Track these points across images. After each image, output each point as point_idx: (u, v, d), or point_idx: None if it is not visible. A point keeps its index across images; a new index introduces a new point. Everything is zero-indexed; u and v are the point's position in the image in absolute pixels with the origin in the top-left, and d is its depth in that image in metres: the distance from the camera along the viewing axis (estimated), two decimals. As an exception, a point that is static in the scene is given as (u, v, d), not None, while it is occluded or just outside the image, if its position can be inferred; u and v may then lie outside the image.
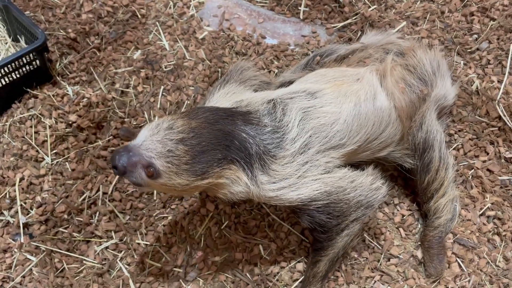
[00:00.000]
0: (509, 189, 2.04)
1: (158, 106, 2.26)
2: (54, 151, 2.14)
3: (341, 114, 1.70)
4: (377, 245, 1.94)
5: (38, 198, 2.03)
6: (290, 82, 1.96)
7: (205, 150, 1.43)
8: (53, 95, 2.28)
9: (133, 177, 1.45)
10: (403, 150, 1.88)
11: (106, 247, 1.93)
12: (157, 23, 2.55)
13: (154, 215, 1.99)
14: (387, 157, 1.91)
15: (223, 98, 1.81)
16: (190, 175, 1.44)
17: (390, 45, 2.01)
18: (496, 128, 2.17)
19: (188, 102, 2.27)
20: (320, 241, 1.76)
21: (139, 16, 2.58)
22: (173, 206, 2.01)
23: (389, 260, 1.92)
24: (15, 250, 1.92)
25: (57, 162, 2.12)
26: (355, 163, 1.90)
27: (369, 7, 2.60)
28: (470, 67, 2.36)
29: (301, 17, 2.61)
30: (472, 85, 2.28)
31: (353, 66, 1.95)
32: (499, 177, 2.06)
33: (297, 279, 1.87)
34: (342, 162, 1.73)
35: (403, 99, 1.82)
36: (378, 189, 1.71)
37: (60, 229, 1.96)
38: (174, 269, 1.88)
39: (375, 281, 1.87)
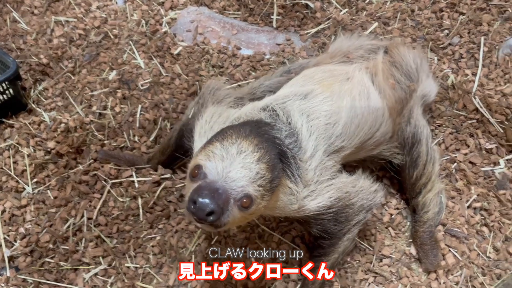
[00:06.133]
0: (492, 180, 2.06)
1: (137, 125, 2.23)
2: (35, 180, 2.09)
3: (340, 115, 1.68)
4: (368, 247, 1.94)
5: (22, 230, 1.98)
6: (270, 91, 1.95)
7: (274, 163, 1.37)
8: (30, 123, 2.24)
9: (226, 216, 1.27)
10: (393, 149, 1.90)
11: (95, 274, 1.89)
12: (130, 42, 2.53)
13: (141, 236, 1.96)
14: (378, 155, 1.92)
15: (212, 123, 1.68)
16: (269, 194, 1.36)
17: (358, 50, 2.02)
18: (475, 120, 2.20)
19: (166, 114, 2.25)
20: (323, 247, 1.74)
21: (112, 37, 2.57)
22: (160, 226, 1.98)
23: (381, 260, 1.92)
24: (2, 285, 1.86)
25: (38, 191, 2.07)
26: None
27: (341, 11, 2.62)
28: (444, 62, 2.40)
29: (274, 25, 2.62)
30: (447, 80, 2.32)
31: (338, 61, 1.95)
32: (482, 168, 2.08)
33: (293, 288, 1.86)
34: (340, 166, 1.73)
35: (393, 95, 1.83)
36: (377, 191, 1.73)
37: (46, 259, 1.92)
38: (167, 289, 1.86)
39: (369, 283, 1.86)
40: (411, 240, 1.95)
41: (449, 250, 1.91)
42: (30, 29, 2.60)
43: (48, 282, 1.86)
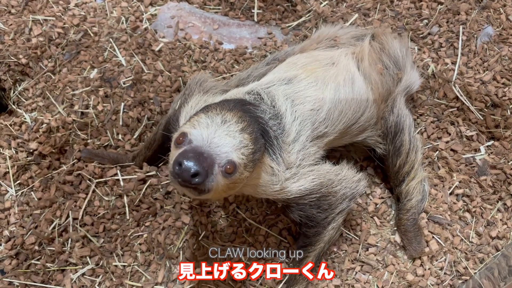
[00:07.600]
0: (473, 166, 2.10)
1: (121, 123, 2.22)
2: (18, 181, 2.07)
3: (324, 101, 1.69)
4: (355, 237, 1.96)
5: (6, 232, 1.96)
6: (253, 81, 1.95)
7: (257, 136, 1.41)
8: (10, 125, 2.21)
9: (210, 181, 1.29)
10: (376, 137, 1.92)
11: (83, 274, 1.88)
12: (110, 39, 2.50)
13: (128, 234, 1.95)
14: (362, 142, 1.94)
15: (198, 108, 1.67)
16: (252, 165, 1.39)
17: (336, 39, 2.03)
18: (455, 109, 2.23)
19: (152, 114, 2.24)
20: (308, 236, 1.77)
21: (92, 35, 2.53)
22: (147, 223, 1.97)
23: (367, 249, 1.94)
24: (-13, 289, 1.85)
25: (22, 192, 2.05)
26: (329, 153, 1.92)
27: (321, 3, 2.63)
28: (424, 52, 2.42)
29: (256, 19, 2.61)
30: (428, 69, 2.34)
31: (325, 45, 1.96)
32: (463, 156, 2.12)
33: (281, 281, 1.87)
34: (324, 153, 1.75)
35: (380, 82, 1.85)
36: (360, 181, 1.76)
37: (33, 261, 1.90)
38: (155, 287, 1.85)
39: (356, 272, 1.89)
40: (396, 228, 1.98)
41: (433, 237, 1.94)
42: (8, 28, 2.55)
43: (35, 284, 1.85)
